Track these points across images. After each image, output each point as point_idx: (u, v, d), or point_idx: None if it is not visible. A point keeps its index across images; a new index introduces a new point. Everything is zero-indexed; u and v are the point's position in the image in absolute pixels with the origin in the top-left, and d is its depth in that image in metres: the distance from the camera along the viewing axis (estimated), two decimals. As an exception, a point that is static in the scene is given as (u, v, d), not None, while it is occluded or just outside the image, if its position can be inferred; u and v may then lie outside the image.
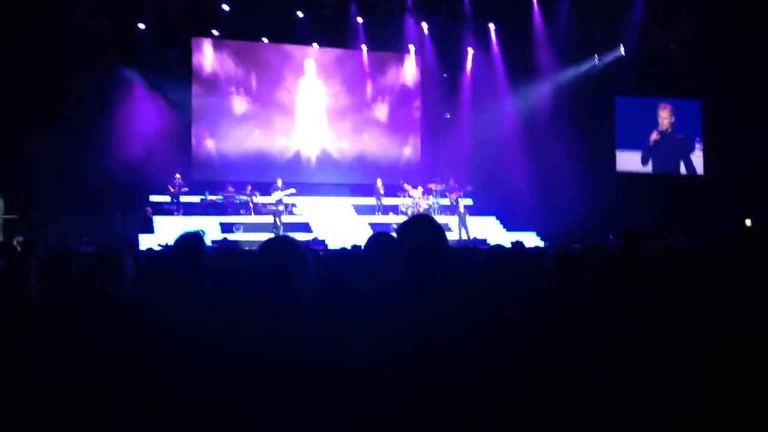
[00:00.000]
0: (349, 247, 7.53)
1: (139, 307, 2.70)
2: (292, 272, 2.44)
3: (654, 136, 21.37)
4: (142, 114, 18.48)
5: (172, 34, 18.92)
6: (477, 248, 7.32)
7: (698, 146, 21.49)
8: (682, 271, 2.56)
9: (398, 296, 2.47)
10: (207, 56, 20.46)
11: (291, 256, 2.47)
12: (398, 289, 2.51)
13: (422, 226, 2.64)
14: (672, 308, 2.49)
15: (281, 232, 16.50)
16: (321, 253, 9.25)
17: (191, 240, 3.08)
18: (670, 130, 21.49)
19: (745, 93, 18.57)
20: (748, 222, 16.20)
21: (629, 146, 21.06)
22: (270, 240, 2.63)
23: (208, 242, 3.19)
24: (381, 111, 22.18)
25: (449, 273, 2.60)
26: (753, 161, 18.39)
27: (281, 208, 17.81)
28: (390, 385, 2.22)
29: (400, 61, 22.15)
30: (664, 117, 21.46)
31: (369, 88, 21.99)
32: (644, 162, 21.17)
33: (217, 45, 20.46)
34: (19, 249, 6.32)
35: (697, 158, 21.46)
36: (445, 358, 2.28)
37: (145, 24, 18.10)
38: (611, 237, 16.07)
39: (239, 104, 20.67)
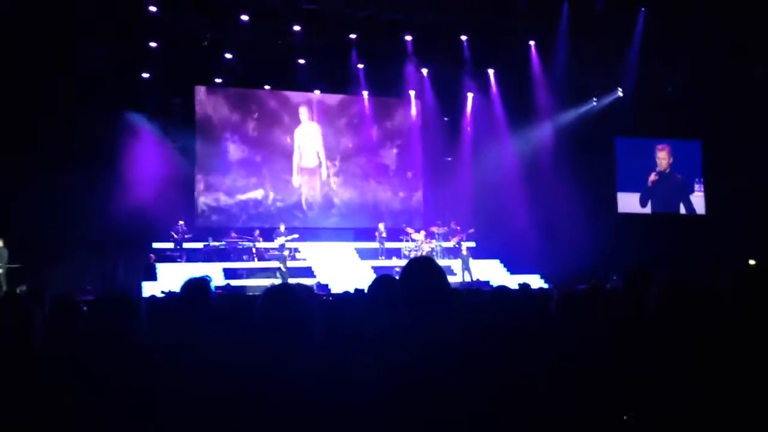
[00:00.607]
0: (352, 291, 7.50)
1: (147, 352, 2.70)
2: (294, 322, 2.44)
3: (653, 176, 21.43)
4: (146, 160, 18.56)
5: (176, 82, 19.18)
6: (480, 290, 7.30)
7: (698, 186, 21.53)
8: (690, 305, 2.56)
9: (400, 339, 2.47)
10: (209, 104, 20.69)
11: (293, 307, 2.48)
12: (400, 331, 2.51)
13: (423, 268, 2.65)
14: (681, 344, 2.49)
15: (287, 278, 16.48)
16: (325, 297, 9.21)
17: (197, 285, 3.12)
18: (668, 170, 21.57)
19: (744, 133, 18.71)
20: (752, 262, 16.14)
21: (630, 188, 21.14)
22: (272, 290, 2.63)
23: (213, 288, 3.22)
24: (382, 155, 22.33)
25: (451, 315, 2.60)
26: (754, 200, 18.44)
27: (286, 253, 17.82)
28: (391, 425, 2.21)
29: (401, 106, 22.37)
30: (663, 158, 21.56)
31: (370, 133, 22.15)
32: (643, 203, 21.19)
33: (219, 93, 20.69)
34: (22, 298, 6.30)
35: (697, 198, 21.48)
36: (447, 399, 2.27)
37: (149, 72, 18.35)
38: (614, 278, 16.04)
39: (241, 151, 20.81)
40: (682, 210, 21.43)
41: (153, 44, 17.73)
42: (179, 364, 2.53)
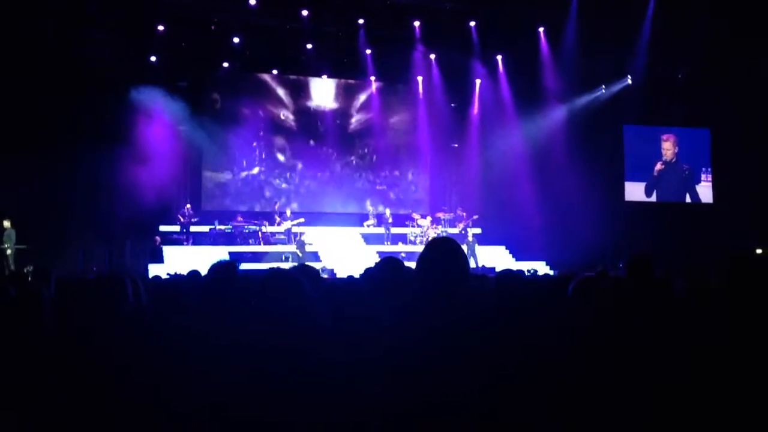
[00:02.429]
0: (356, 276, 7.51)
1: (139, 329, 2.75)
2: (294, 306, 2.49)
3: (658, 166, 21.28)
4: (154, 144, 18.50)
5: (183, 66, 19.19)
6: (486, 276, 7.32)
7: (705, 176, 21.36)
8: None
9: (411, 318, 2.47)
10: (216, 88, 20.70)
11: (292, 291, 2.53)
12: (411, 310, 2.52)
13: (446, 248, 2.65)
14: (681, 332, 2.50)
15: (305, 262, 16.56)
16: (329, 280, 9.25)
17: (225, 268, 3.22)
18: (674, 160, 21.39)
19: (753, 121, 18.59)
20: (759, 251, 16.10)
21: (637, 177, 21.00)
22: (270, 274, 2.68)
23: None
24: (388, 141, 22.30)
25: (467, 296, 2.60)
26: (763, 190, 18.34)
27: (304, 238, 17.82)
28: (401, 405, 2.23)
29: (408, 91, 22.30)
30: (668, 148, 21.39)
31: (377, 118, 22.14)
32: (648, 193, 21.03)
33: (228, 77, 20.66)
34: (29, 278, 6.37)
35: (704, 189, 21.31)
36: (456, 380, 2.28)
37: (156, 56, 18.33)
38: (620, 265, 16.03)
39: (248, 134, 20.82)
40: (688, 200, 21.32)
41: (160, 27, 17.70)
42: (179, 343, 2.57)
